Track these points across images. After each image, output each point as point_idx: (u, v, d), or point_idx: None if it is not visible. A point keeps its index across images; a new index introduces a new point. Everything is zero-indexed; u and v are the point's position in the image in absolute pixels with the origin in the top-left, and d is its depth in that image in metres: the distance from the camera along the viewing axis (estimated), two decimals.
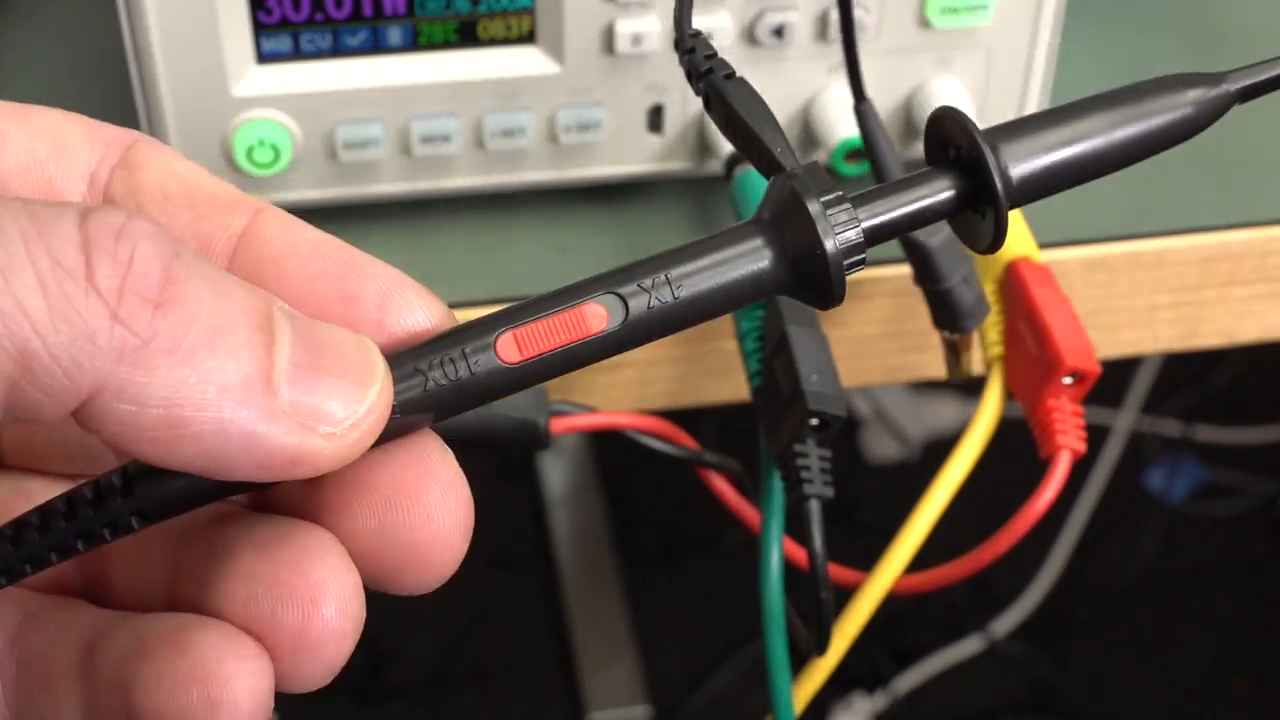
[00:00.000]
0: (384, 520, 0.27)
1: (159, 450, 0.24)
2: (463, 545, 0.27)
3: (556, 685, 1.36)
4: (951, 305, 0.46)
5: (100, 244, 0.23)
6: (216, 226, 0.28)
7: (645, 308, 0.27)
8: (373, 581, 0.27)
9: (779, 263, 0.28)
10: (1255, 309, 0.55)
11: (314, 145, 0.50)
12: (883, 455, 1.49)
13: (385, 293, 0.27)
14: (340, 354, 0.25)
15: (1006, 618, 1.38)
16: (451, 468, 0.27)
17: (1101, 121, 0.30)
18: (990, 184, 0.29)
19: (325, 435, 0.25)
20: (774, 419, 0.44)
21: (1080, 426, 0.45)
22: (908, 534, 0.45)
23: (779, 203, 0.28)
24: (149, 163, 0.29)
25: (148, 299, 0.23)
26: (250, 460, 0.24)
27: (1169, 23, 0.61)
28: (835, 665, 0.45)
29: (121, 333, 0.23)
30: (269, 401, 0.24)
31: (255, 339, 0.24)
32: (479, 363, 0.27)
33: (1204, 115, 0.30)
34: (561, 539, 1.43)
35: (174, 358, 0.23)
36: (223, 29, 0.48)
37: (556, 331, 0.27)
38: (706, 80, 0.32)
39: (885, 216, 0.29)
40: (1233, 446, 1.46)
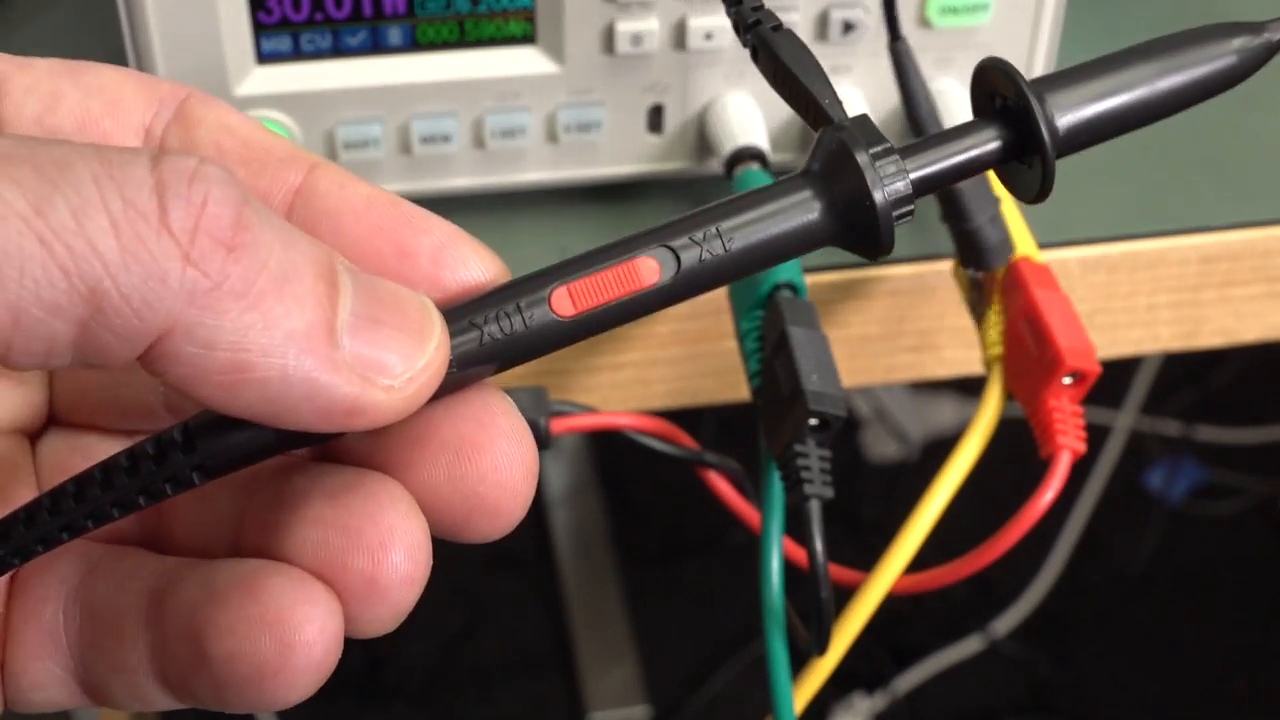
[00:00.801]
0: (451, 472, 0.27)
1: (222, 394, 0.24)
2: (530, 492, 0.28)
3: (556, 685, 1.36)
4: (978, 244, 0.47)
5: (174, 186, 0.24)
6: (273, 182, 0.28)
7: (697, 260, 0.28)
8: (443, 531, 0.28)
9: (828, 214, 0.28)
10: (1255, 309, 0.55)
11: (314, 145, 0.50)
12: (883, 455, 1.49)
13: (441, 247, 0.28)
14: (399, 309, 0.26)
15: (1006, 618, 1.38)
16: (515, 418, 0.28)
17: (1146, 71, 0.30)
18: (1037, 133, 0.29)
19: (384, 388, 0.25)
20: (774, 419, 0.44)
21: (1080, 426, 0.45)
22: (908, 534, 0.45)
23: (828, 154, 0.29)
24: (203, 118, 0.29)
25: (220, 241, 0.24)
26: (311, 408, 0.25)
27: (1169, 23, 0.60)
28: (835, 665, 0.45)
29: (194, 274, 0.23)
30: (331, 351, 0.24)
31: (320, 289, 0.25)
32: (534, 316, 0.27)
33: (1246, 64, 0.31)
34: (561, 539, 1.43)
35: (243, 301, 0.24)
36: (223, 29, 0.48)
37: (610, 285, 0.28)
38: (754, 31, 0.33)
39: (933, 168, 0.29)
40: (1233, 446, 1.46)
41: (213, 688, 0.27)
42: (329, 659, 0.26)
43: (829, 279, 0.52)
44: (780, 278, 0.46)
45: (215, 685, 0.26)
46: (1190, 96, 0.30)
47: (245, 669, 0.26)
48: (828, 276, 0.52)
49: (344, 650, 0.28)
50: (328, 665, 0.26)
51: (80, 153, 0.23)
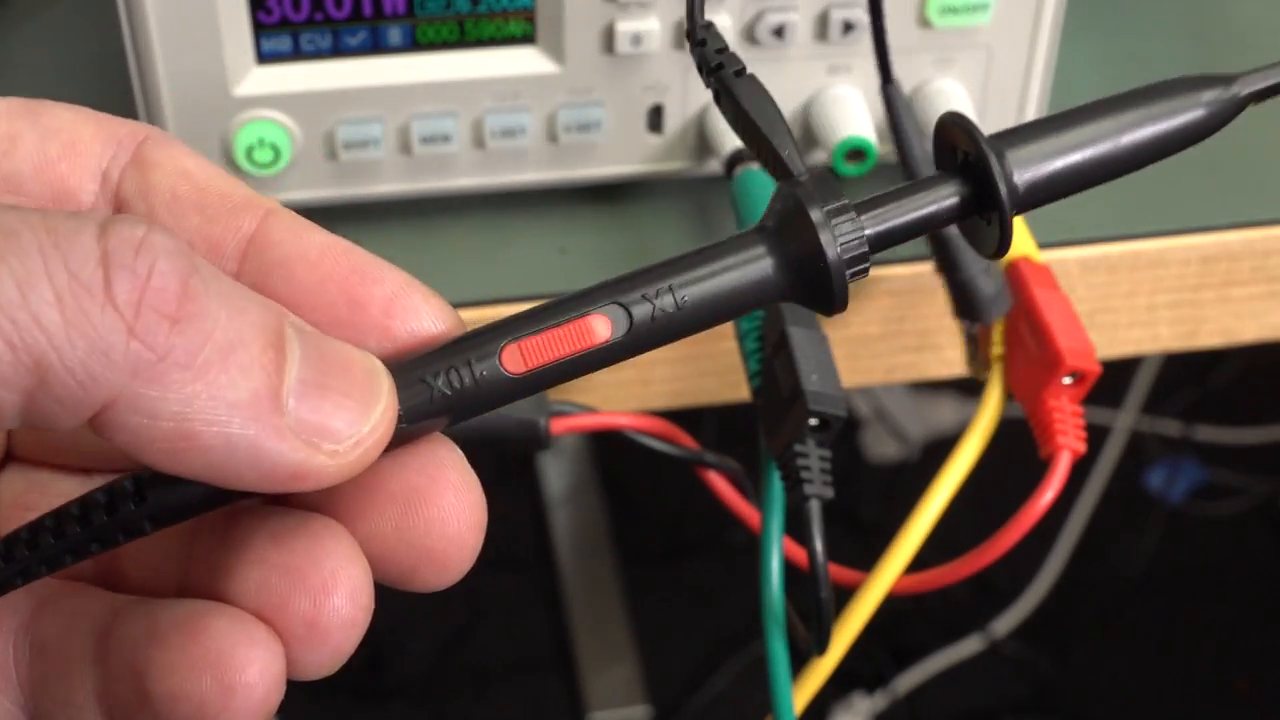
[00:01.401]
0: (399, 524, 0.27)
1: (167, 459, 0.24)
2: (476, 544, 0.28)
3: (556, 685, 1.36)
4: (972, 295, 0.46)
5: (119, 258, 0.24)
6: (226, 230, 0.28)
7: (649, 318, 0.28)
8: (389, 580, 0.28)
9: (782, 271, 0.28)
10: (1255, 309, 0.55)
11: (314, 145, 0.50)
12: (883, 455, 1.49)
13: (392, 298, 0.28)
14: (347, 372, 0.26)
15: (1006, 618, 1.38)
16: (463, 471, 0.28)
17: (1109, 125, 0.30)
18: (995, 190, 0.29)
19: (329, 453, 0.25)
20: (774, 419, 0.44)
21: (1080, 426, 0.45)
22: (908, 534, 0.45)
23: (783, 211, 0.28)
24: (160, 162, 0.29)
25: (165, 314, 0.24)
26: (255, 473, 0.25)
27: (1169, 23, 0.61)
28: (835, 665, 0.44)
29: (137, 347, 0.23)
30: (276, 419, 0.24)
31: (266, 356, 0.25)
32: (484, 372, 0.27)
33: (1215, 118, 0.30)
34: (561, 539, 1.43)
35: (188, 373, 0.24)
36: (223, 29, 0.48)
37: (561, 342, 0.27)
38: (717, 76, 0.32)
39: (890, 224, 0.29)
40: (1233, 446, 1.46)
41: None
42: (270, 700, 0.26)
43: None
44: None
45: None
46: (1156, 151, 0.30)
47: (186, 709, 0.26)
48: None
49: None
50: (269, 706, 0.26)
51: (27, 221, 0.23)
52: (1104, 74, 0.58)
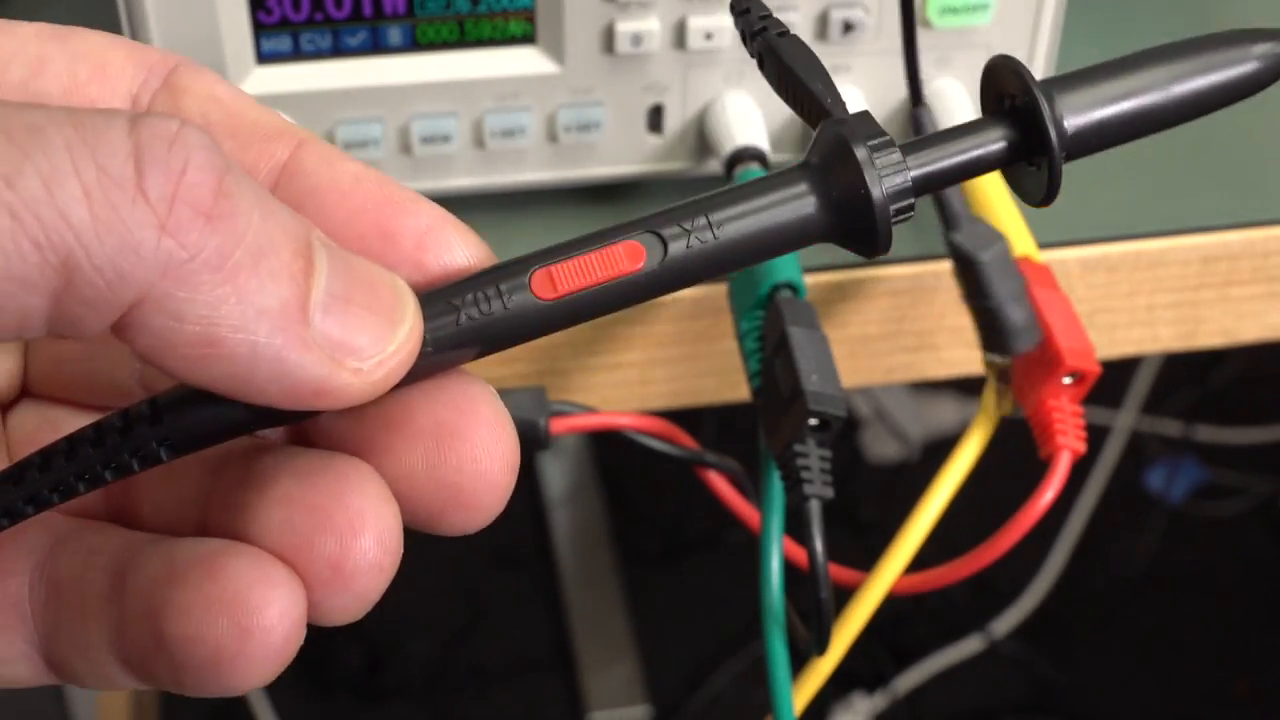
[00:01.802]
0: (429, 460, 0.26)
1: (188, 366, 0.24)
2: (508, 484, 0.27)
3: (556, 685, 1.36)
4: (1000, 325, 0.45)
5: (152, 152, 0.23)
6: (259, 156, 0.28)
7: (685, 248, 0.27)
8: (418, 522, 0.27)
9: (824, 208, 0.28)
10: (1255, 309, 0.55)
11: None
12: (883, 455, 1.49)
13: (425, 230, 0.27)
14: (373, 290, 0.25)
15: (1006, 618, 1.38)
16: (496, 407, 0.27)
17: (1161, 74, 0.29)
18: (1045, 134, 0.28)
19: (353, 370, 0.24)
20: (774, 419, 0.44)
21: (1080, 426, 0.45)
22: (908, 534, 0.45)
23: (826, 147, 0.28)
24: (191, 87, 0.28)
25: (199, 211, 0.23)
26: (276, 386, 0.24)
27: (1169, 23, 0.61)
28: (835, 665, 0.45)
29: (169, 244, 0.23)
30: (302, 330, 0.24)
31: (295, 265, 0.24)
32: (514, 299, 0.26)
33: (1269, 71, 0.30)
34: (561, 539, 1.43)
35: (218, 275, 0.23)
36: (223, 29, 0.48)
37: (593, 268, 0.27)
38: (761, 38, 0.32)
39: (935, 165, 0.28)
40: (1233, 446, 1.46)
41: (170, 670, 0.26)
42: (289, 645, 0.25)
43: (829, 279, 0.52)
44: (780, 278, 0.46)
45: (173, 667, 0.26)
46: (1207, 103, 0.29)
47: (202, 652, 0.25)
48: (828, 276, 0.52)
49: (344, 650, 0.27)
50: (288, 652, 0.25)
51: (54, 118, 0.23)
52: None
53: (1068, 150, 0.29)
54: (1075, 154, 0.29)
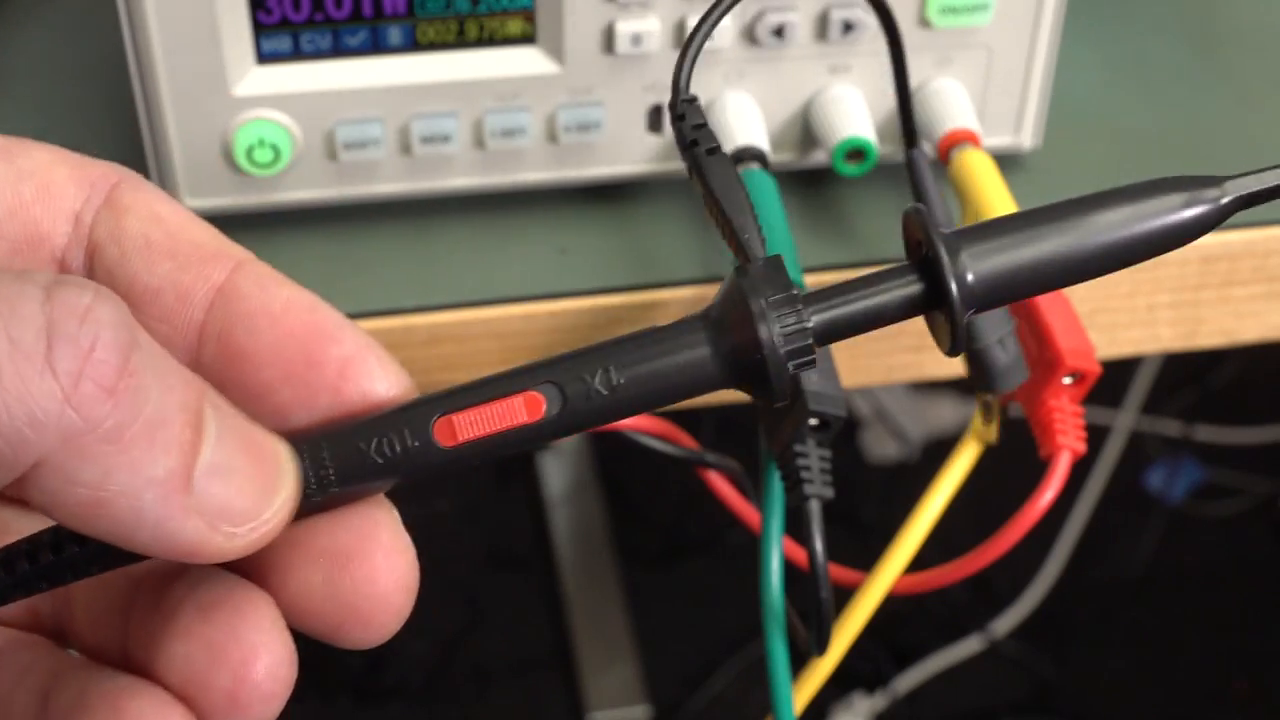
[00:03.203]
0: (327, 580, 0.28)
1: (76, 521, 0.25)
2: (404, 605, 0.28)
3: (556, 685, 1.36)
4: (985, 366, 0.45)
5: (64, 327, 0.24)
6: (196, 278, 0.29)
7: (584, 397, 0.28)
8: (317, 635, 0.28)
9: (720, 360, 0.28)
10: (1255, 309, 0.55)
11: (314, 145, 0.50)
12: (883, 455, 1.49)
13: (348, 360, 0.28)
14: (256, 458, 0.26)
15: (1006, 618, 1.38)
16: (395, 533, 0.28)
17: (1078, 225, 0.28)
18: (945, 287, 0.28)
19: (225, 535, 0.26)
20: (774, 419, 0.44)
21: (1080, 426, 0.45)
22: (908, 534, 0.45)
23: (726, 298, 0.28)
24: (133, 206, 0.29)
25: (103, 386, 0.24)
26: (156, 545, 0.25)
27: (1169, 23, 0.61)
28: (835, 665, 0.45)
29: (72, 417, 0.24)
30: (184, 498, 0.25)
31: (185, 435, 0.25)
32: (416, 443, 0.27)
33: (1196, 224, 0.29)
34: (561, 539, 1.43)
35: (114, 446, 0.24)
36: (223, 29, 0.48)
37: (492, 418, 0.28)
38: (690, 152, 0.32)
39: (837, 315, 0.28)
40: (1233, 446, 1.46)
41: None
42: None
43: (829, 279, 0.52)
44: None
45: None
46: (1130, 256, 0.28)
47: None
48: (828, 276, 0.52)
49: (343, 650, 0.28)
50: None
51: None
52: (1104, 74, 0.58)
53: (974, 303, 0.28)
54: (983, 306, 0.28)
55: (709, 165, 0.32)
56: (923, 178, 0.48)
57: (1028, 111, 0.52)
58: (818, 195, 0.53)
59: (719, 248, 0.52)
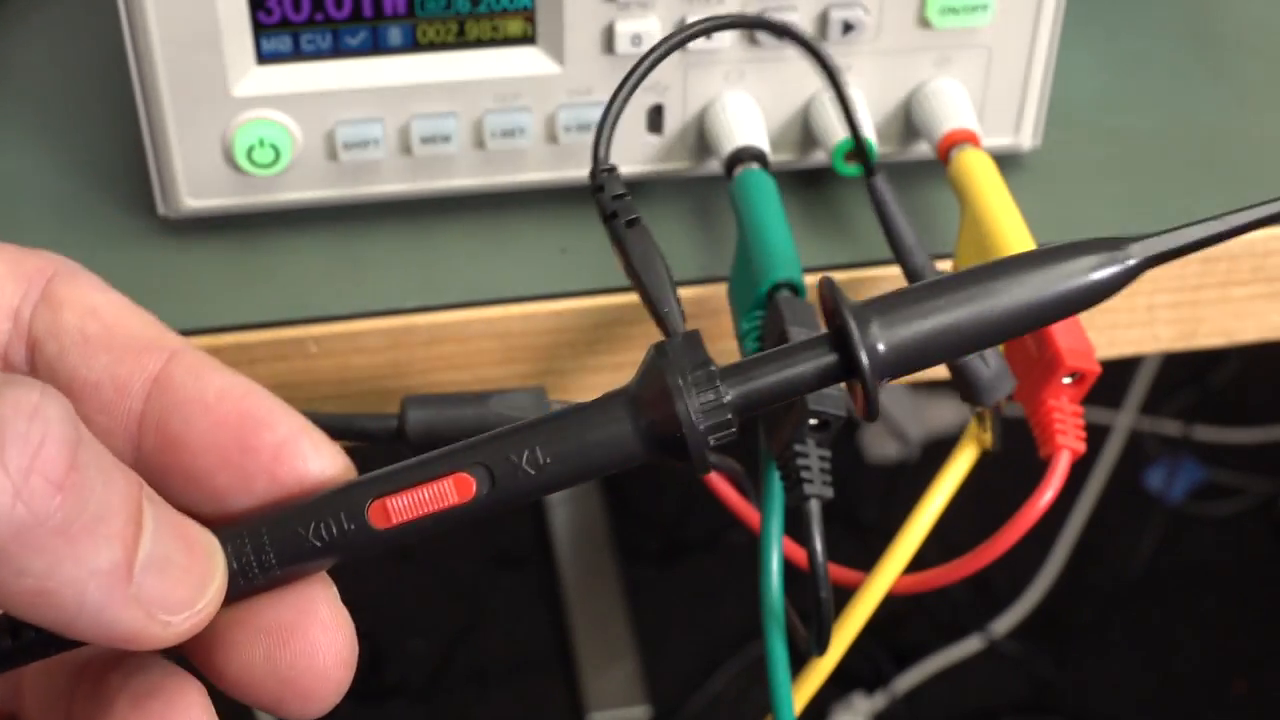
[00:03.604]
0: (267, 656, 0.29)
1: (19, 609, 0.26)
2: (342, 679, 0.29)
3: (556, 685, 1.36)
4: (967, 378, 0.45)
5: (13, 425, 0.25)
6: (133, 370, 0.29)
7: (512, 478, 0.29)
8: (259, 707, 0.29)
9: (641, 436, 0.29)
10: (1255, 309, 0.55)
11: (314, 145, 0.50)
12: (883, 455, 1.49)
13: (281, 444, 0.29)
14: (190, 551, 0.27)
15: (1006, 618, 1.38)
16: (333, 608, 0.29)
17: (984, 292, 0.29)
18: (855, 357, 0.29)
19: (162, 623, 0.27)
20: (774, 419, 0.44)
21: (1080, 426, 0.45)
22: (908, 534, 0.45)
23: (645, 375, 0.29)
24: (69, 300, 0.30)
25: (52, 482, 0.25)
26: (95, 633, 0.26)
27: (1169, 23, 0.61)
28: (835, 665, 0.45)
29: (21, 511, 0.24)
30: (124, 589, 0.26)
31: (128, 530, 0.26)
32: (351, 526, 0.29)
33: (1102, 287, 0.29)
34: (561, 539, 1.43)
35: (61, 539, 0.25)
36: (223, 29, 0.48)
37: (426, 500, 0.29)
38: (610, 225, 0.33)
39: (754, 387, 0.29)
40: (1232, 446, 1.46)
41: None
42: None
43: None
44: (780, 278, 0.46)
45: None
46: (1037, 318, 0.29)
47: None
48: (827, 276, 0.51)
49: None
50: None
51: None
52: (1104, 75, 0.58)
53: (885, 371, 0.29)
54: (895, 374, 0.29)
55: (628, 238, 0.33)
56: (886, 205, 0.48)
57: (1027, 112, 0.52)
58: (818, 195, 0.53)
59: (719, 248, 0.52)
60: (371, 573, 1.43)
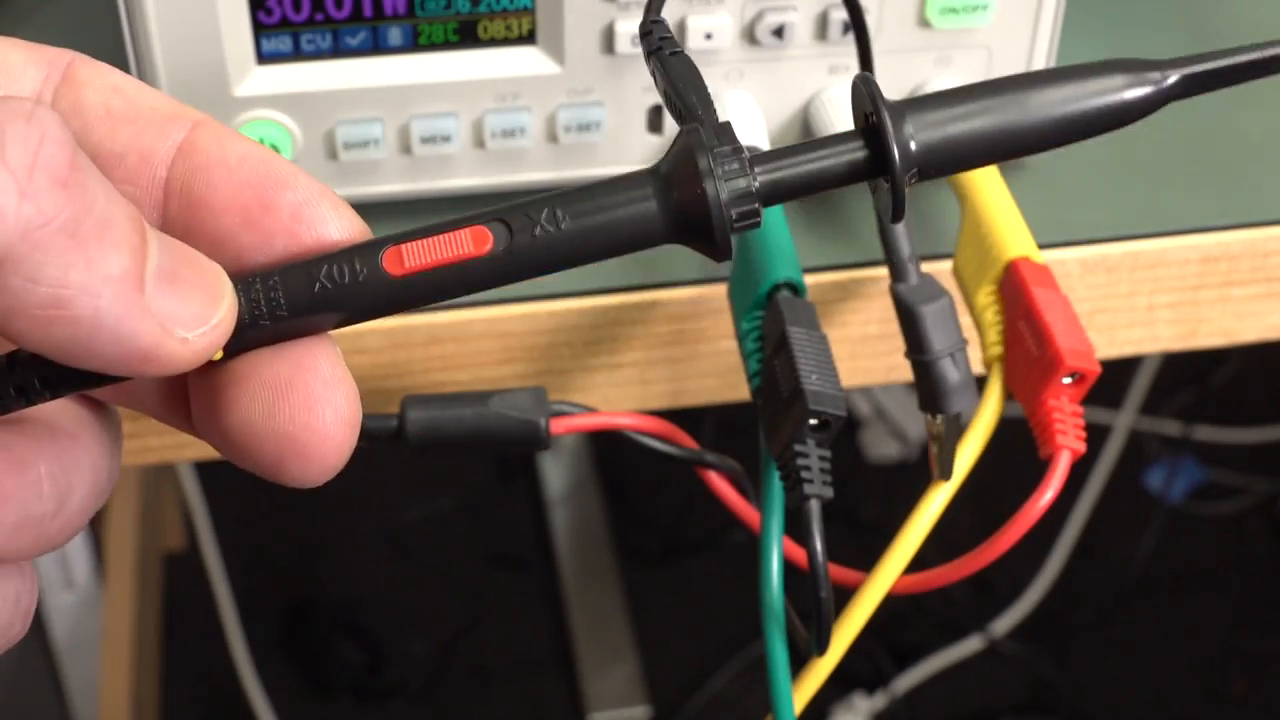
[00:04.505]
0: (265, 411, 0.28)
1: (33, 328, 0.25)
2: (344, 440, 0.29)
3: (556, 685, 1.36)
4: (933, 381, 0.45)
5: (12, 125, 0.25)
6: (157, 139, 0.29)
7: (529, 235, 0.28)
8: (261, 471, 0.29)
9: (665, 213, 0.29)
10: (1255, 309, 0.55)
11: (314, 145, 0.50)
12: (883, 455, 1.49)
13: (301, 204, 0.29)
14: (197, 268, 0.27)
15: (1006, 618, 1.38)
16: (334, 364, 0.29)
17: (1021, 97, 0.29)
18: (887, 150, 0.28)
19: (179, 339, 0.26)
20: (774, 419, 0.44)
21: (1080, 426, 0.45)
22: (908, 534, 0.45)
23: (674, 153, 0.29)
24: (91, 79, 0.30)
25: (56, 179, 0.25)
26: (113, 351, 0.26)
27: (1169, 23, 0.61)
28: (835, 665, 0.45)
29: (29, 210, 0.24)
30: (139, 298, 0.26)
31: (134, 239, 0.26)
32: (364, 270, 0.28)
33: (1136, 105, 0.29)
34: (561, 539, 1.43)
35: (71, 241, 0.25)
36: (223, 29, 0.48)
37: (440, 248, 0.28)
38: (655, 57, 0.33)
39: (783, 175, 0.29)
40: (1232, 446, 1.46)
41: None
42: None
43: (829, 279, 0.52)
44: (780, 277, 0.46)
45: None
46: (1069, 131, 0.29)
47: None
48: (828, 276, 0.52)
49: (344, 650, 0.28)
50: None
51: None
52: None
53: (916, 168, 0.29)
54: (927, 173, 0.29)
55: (671, 64, 0.32)
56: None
57: None
58: (818, 195, 0.53)
59: None
60: (372, 573, 1.43)
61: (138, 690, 1.23)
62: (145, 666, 1.28)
